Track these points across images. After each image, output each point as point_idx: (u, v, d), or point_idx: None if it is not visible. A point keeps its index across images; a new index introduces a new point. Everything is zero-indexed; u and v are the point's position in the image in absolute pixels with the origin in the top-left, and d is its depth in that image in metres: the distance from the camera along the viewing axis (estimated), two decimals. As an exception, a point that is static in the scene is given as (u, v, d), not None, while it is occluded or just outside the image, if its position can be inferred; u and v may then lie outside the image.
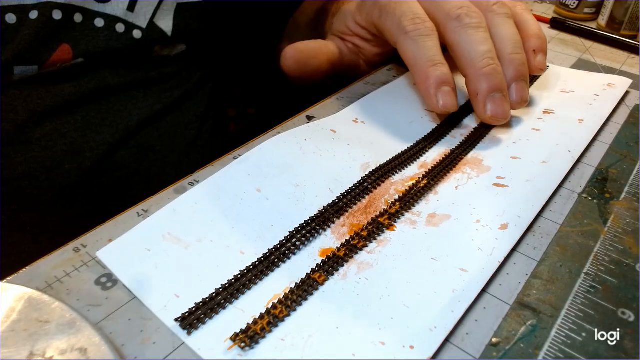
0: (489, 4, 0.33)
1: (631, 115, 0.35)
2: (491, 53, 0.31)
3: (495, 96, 0.31)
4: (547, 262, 0.23)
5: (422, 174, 0.28)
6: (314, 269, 0.22)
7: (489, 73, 0.30)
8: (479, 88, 0.31)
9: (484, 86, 0.30)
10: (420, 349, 0.19)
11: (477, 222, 0.25)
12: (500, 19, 0.33)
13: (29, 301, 0.18)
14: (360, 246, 0.23)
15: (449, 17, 0.31)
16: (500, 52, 0.32)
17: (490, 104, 0.31)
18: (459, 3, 0.32)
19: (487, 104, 0.31)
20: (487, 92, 0.31)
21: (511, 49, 0.32)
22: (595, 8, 0.53)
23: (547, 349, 0.19)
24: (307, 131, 0.31)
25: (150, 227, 0.23)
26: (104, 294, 0.20)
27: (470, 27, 0.31)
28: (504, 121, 0.31)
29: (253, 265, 0.22)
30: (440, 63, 0.30)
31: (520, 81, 0.32)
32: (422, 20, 0.31)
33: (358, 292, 0.21)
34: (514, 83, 0.32)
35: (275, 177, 0.27)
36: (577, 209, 0.26)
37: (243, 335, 0.19)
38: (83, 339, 0.17)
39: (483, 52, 0.30)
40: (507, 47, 0.32)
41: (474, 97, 0.31)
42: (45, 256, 0.22)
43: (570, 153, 0.30)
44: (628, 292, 0.22)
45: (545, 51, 0.34)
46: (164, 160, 0.38)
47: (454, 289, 0.21)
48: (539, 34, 0.34)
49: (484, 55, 0.30)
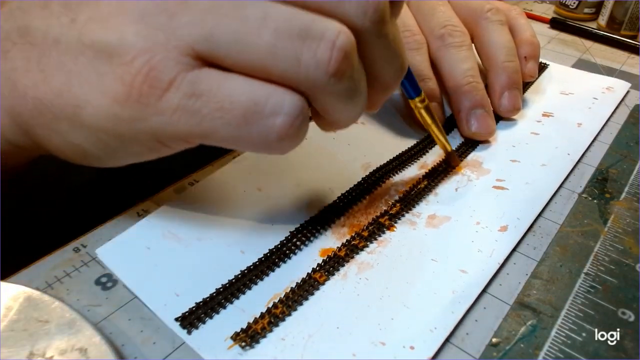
0: (482, 11, 0.33)
1: (631, 115, 0.35)
2: (472, 70, 0.31)
3: (477, 112, 0.31)
4: (547, 262, 0.23)
5: (422, 174, 0.28)
6: (314, 268, 0.22)
7: (470, 90, 0.31)
8: (460, 105, 0.31)
9: (466, 103, 0.31)
10: (421, 349, 0.19)
11: (477, 224, 0.25)
12: (494, 26, 0.33)
13: (28, 301, 0.18)
14: (361, 246, 0.23)
15: (432, 35, 0.32)
16: (494, 60, 0.32)
17: (473, 120, 0.31)
18: (443, 20, 0.32)
19: (470, 120, 0.31)
20: (469, 109, 0.31)
21: (504, 57, 0.32)
22: (595, 8, 0.53)
23: (547, 349, 0.19)
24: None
25: (150, 226, 0.23)
26: (104, 294, 0.20)
27: (452, 47, 0.31)
28: (488, 137, 0.31)
29: (253, 265, 0.22)
30: (427, 78, 0.31)
31: (513, 89, 0.32)
32: (412, 34, 0.31)
33: (358, 292, 0.21)
34: (506, 91, 0.32)
35: (275, 176, 0.27)
36: (577, 209, 0.26)
37: (244, 335, 0.19)
38: (83, 339, 0.17)
39: (464, 70, 0.31)
40: (501, 55, 0.32)
41: (457, 113, 0.32)
42: (45, 256, 0.22)
43: (569, 156, 0.30)
44: (628, 292, 0.22)
45: (537, 58, 0.35)
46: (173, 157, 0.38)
47: (454, 290, 0.21)
48: (532, 40, 0.34)
49: (465, 73, 0.31)
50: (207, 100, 0.17)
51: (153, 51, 0.16)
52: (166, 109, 0.17)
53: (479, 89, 0.31)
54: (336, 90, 0.18)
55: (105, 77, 0.17)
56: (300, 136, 0.18)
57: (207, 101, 0.17)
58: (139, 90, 0.17)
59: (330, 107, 0.19)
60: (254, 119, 0.17)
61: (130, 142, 0.19)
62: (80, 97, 0.18)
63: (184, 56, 0.16)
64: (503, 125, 0.33)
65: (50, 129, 0.19)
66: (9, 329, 0.17)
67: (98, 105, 0.17)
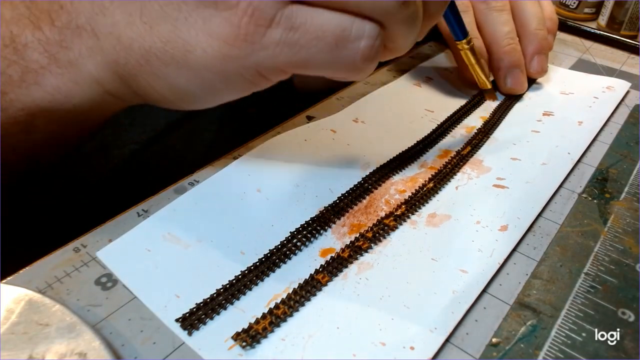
0: None
1: (631, 115, 0.35)
2: (512, 33, 0.35)
3: (514, 71, 0.36)
4: (547, 262, 0.23)
5: (423, 173, 0.28)
6: (317, 269, 0.22)
7: (510, 51, 0.35)
8: (500, 63, 0.36)
9: (505, 62, 0.35)
10: (421, 349, 0.19)
11: (477, 223, 0.25)
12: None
13: (29, 303, 0.18)
14: (365, 247, 0.23)
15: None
16: (526, 27, 0.36)
17: (509, 78, 0.36)
18: None
19: (507, 78, 0.36)
20: (507, 68, 0.36)
21: (535, 25, 0.36)
22: (595, 8, 0.53)
23: (547, 349, 0.19)
24: (307, 131, 0.31)
25: (151, 227, 0.23)
26: (104, 294, 0.20)
27: (495, 10, 0.36)
28: (520, 92, 0.37)
29: (254, 266, 0.22)
30: (474, 37, 0.35)
31: (542, 54, 0.37)
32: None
33: (358, 293, 0.21)
34: (536, 56, 0.37)
35: (275, 177, 0.27)
36: (577, 209, 0.26)
37: (244, 335, 0.19)
38: (82, 343, 0.17)
39: (505, 32, 0.35)
40: (532, 23, 0.36)
41: (496, 71, 0.36)
42: (45, 256, 0.22)
43: (569, 155, 0.30)
44: (628, 292, 0.22)
45: (555, 33, 0.39)
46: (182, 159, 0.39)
47: (454, 290, 0.21)
48: (553, 16, 0.39)
49: (506, 35, 0.35)
50: (304, 32, 0.19)
51: None
52: (269, 44, 0.19)
53: (517, 50, 0.36)
54: (404, 17, 0.20)
55: (211, 21, 0.19)
56: (378, 58, 0.21)
57: (304, 32, 0.19)
58: (246, 29, 0.19)
59: (397, 33, 0.21)
60: (342, 44, 0.20)
61: (234, 78, 0.21)
62: (189, 42, 0.19)
63: None
64: (504, 123, 0.33)
65: (155, 75, 0.21)
66: (9, 332, 0.17)
67: (207, 46, 0.19)
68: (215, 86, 0.21)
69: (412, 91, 0.37)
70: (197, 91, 0.22)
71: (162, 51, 0.20)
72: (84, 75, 0.22)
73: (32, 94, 0.22)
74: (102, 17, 0.21)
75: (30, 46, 0.21)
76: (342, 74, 0.21)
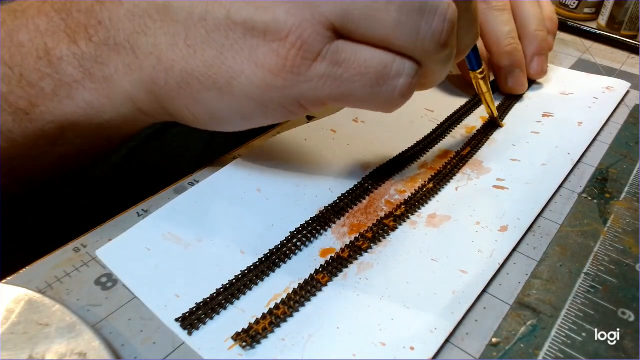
0: None
1: (631, 115, 0.35)
2: (513, 33, 0.35)
3: (515, 71, 0.36)
4: (547, 262, 0.23)
5: (423, 174, 0.28)
6: (317, 269, 0.22)
7: (511, 51, 0.35)
8: (501, 63, 0.36)
9: (506, 62, 0.35)
10: (421, 349, 0.19)
11: (477, 224, 0.25)
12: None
13: (29, 303, 0.18)
14: (365, 248, 0.23)
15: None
16: (526, 28, 0.36)
17: (510, 77, 0.36)
18: None
19: (508, 78, 0.36)
20: (508, 68, 0.36)
21: (535, 26, 0.36)
22: (595, 8, 0.53)
23: (547, 349, 0.19)
24: (307, 131, 0.31)
25: (151, 226, 0.23)
26: (104, 294, 0.20)
27: (496, 10, 0.35)
28: (521, 92, 0.36)
29: (254, 266, 0.22)
30: None
31: (542, 55, 0.37)
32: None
33: (358, 293, 0.21)
34: (536, 57, 0.37)
35: (275, 177, 0.27)
36: (577, 209, 0.26)
37: (245, 335, 0.19)
38: (82, 343, 0.17)
39: (506, 32, 0.35)
40: (532, 24, 0.36)
41: (497, 71, 0.36)
42: (45, 256, 0.22)
43: (569, 155, 0.30)
44: (628, 292, 0.22)
45: (555, 34, 0.39)
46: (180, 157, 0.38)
47: (454, 290, 0.21)
48: (552, 17, 0.39)
49: (507, 35, 0.35)
50: (348, 67, 0.20)
51: (303, 27, 0.19)
52: (314, 77, 0.20)
53: (518, 50, 0.35)
54: (441, 57, 0.21)
55: (258, 50, 0.19)
56: (412, 94, 0.22)
57: (348, 67, 0.20)
58: (293, 61, 0.19)
59: (432, 70, 0.22)
60: (383, 80, 0.20)
61: (273, 107, 0.21)
62: (234, 69, 0.20)
63: (326, 30, 0.19)
64: (504, 124, 0.33)
65: (194, 99, 0.21)
66: (9, 332, 0.17)
67: (252, 75, 0.20)
68: (253, 113, 0.22)
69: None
70: (233, 117, 0.22)
71: (205, 76, 0.20)
72: (118, 92, 0.22)
73: (64, 108, 0.22)
74: (144, 36, 0.20)
75: (66, 60, 0.21)
76: (378, 108, 0.22)
